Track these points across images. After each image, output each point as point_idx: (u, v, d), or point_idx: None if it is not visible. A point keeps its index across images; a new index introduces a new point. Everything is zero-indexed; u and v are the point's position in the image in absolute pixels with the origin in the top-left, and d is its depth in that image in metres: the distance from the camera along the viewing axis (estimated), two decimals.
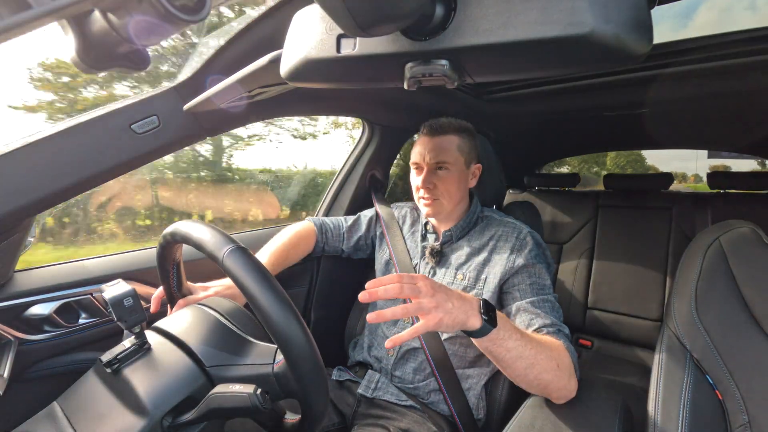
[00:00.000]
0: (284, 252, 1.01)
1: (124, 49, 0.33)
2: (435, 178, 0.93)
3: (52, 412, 0.51)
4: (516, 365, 0.66)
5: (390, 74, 0.41)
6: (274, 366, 0.53)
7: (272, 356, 0.55)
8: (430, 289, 0.60)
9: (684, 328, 0.72)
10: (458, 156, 0.93)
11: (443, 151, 0.92)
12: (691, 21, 35.33)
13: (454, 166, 0.93)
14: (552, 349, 0.70)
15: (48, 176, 0.65)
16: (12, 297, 0.77)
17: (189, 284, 0.80)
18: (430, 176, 0.93)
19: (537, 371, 0.67)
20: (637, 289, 1.81)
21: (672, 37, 0.79)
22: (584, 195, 2.17)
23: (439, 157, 0.92)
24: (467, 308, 0.61)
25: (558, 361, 0.69)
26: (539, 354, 0.67)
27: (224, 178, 3.15)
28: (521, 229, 0.92)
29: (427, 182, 0.93)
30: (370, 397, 0.92)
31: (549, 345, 0.70)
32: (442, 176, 0.93)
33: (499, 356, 0.66)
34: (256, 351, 0.57)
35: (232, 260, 0.50)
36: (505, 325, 0.65)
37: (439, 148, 0.93)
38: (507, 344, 0.64)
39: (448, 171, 0.93)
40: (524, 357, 0.66)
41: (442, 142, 0.93)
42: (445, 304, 0.60)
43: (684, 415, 0.64)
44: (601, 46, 0.30)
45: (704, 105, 1.26)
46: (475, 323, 0.61)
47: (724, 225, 0.76)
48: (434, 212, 0.96)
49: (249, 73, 0.58)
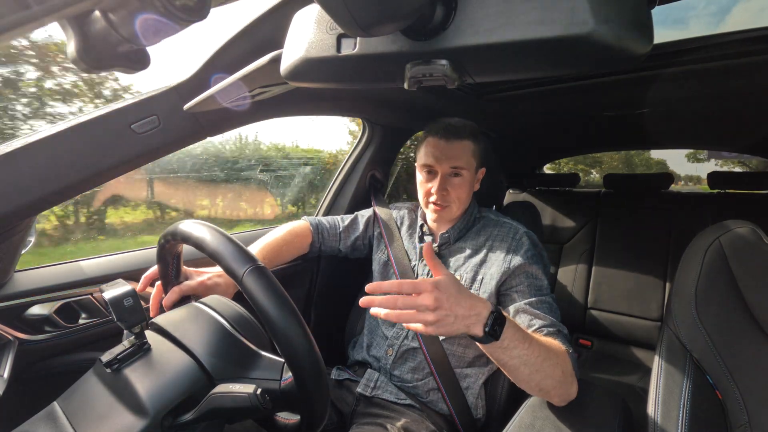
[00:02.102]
0: (276, 249, 0.99)
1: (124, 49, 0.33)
2: (449, 185, 0.91)
3: (52, 412, 0.51)
4: (519, 371, 0.65)
5: (390, 74, 0.41)
6: (281, 383, 0.53)
7: (279, 372, 0.55)
8: (433, 303, 0.57)
9: (684, 328, 0.72)
10: (472, 161, 0.92)
11: (460, 159, 0.90)
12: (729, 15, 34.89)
13: (468, 173, 0.92)
14: (558, 355, 0.69)
15: (48, 176, 0.65)
16: (12, 297, 0.77)
17: (184, 268, 0.77)
18: (445, 183, 0.91)
19: (540, 377, 0.66)
20: (637, 289, 1.82)
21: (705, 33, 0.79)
22: (584, 195, 2.17)
23: (456, 163, 0.90)
24: (471, 321, 0.59)
25: (563, 367, 0.68)
26: (545, 362, 0.65)
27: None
28: (517, 229, 0.92)
29: (442, 189, 0.91)
30: (368, 396, 0.92)
31: (555, 352, 0.69)
32: (456, 183, 0.91)
33: (502, 362, 0.65)
34: (262, 364, 0.57)
35: (253, 280, 0.49)
36: (514, 335, 0.62)
37: (455, 154, 0.90)
38: (511, 353, 0.63)
39: (462, 178, 0.91)
40: (529, 364, 0.64)
41: (459, 148, 0.91)
42: (446, 318, 0.58)
43: (684, 415, 0.64)
44: (601, 46, 0.30)
45: (704, 105, 1.26)
46: (476, 333, 0.60)
47: (724, 225, 0.76)
48: (443, 218, 0.95)
49: (249, 72, 0.58)
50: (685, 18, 54.97)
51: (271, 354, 0.59)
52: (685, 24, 64.60)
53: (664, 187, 1.97)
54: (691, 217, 1.80)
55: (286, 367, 0.54)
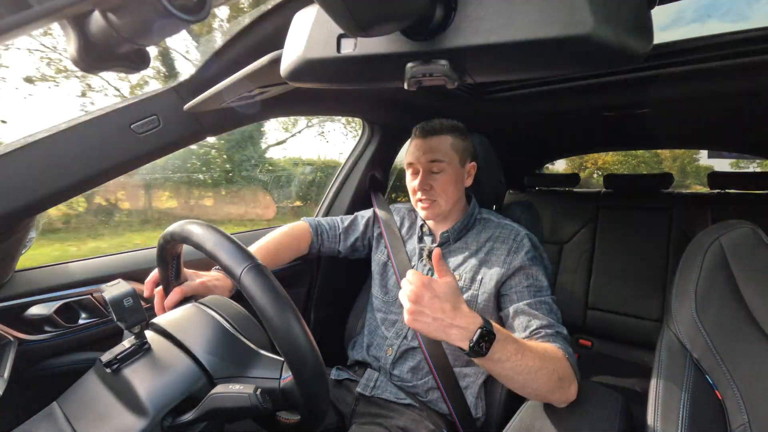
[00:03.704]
0: (276, 250, 0.99)
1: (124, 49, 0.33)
2: (431, 180, 0.93)
3: (52, 412, 0.51)
4: (513, 380, 0.66)
5: (390, 74, 0.41)
6: (281, 382, 0.53)
7: (278, 370, 0.55)
8: (411, 296, 0.62)
9: (684, 329, 0.71)
10: (453, 155, 0.93)
11: (437, 151, 0.92)
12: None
13: (450, 166, 0.93)
14: (555, 361, 0.68)
15: (48, 176, 0.65)
16: (12, 297, 0.77)
17: (184, 270, 0.77)
18: (426, 178, 0.93)
19: (536, 385, 0.66)
20: (637, 289, 1.82)
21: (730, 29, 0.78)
22: (584, 195, 2.17)
23: (433, 156, 0.92)
24: (453, 332, 0.60)
25: (559, 373, 0.68)
26: (540, 370, 0.65)
27: None
28: (518, 231, 0.92)
29: (424, 184, 0.92)
30: (368, 396, 0.92)
31: (552, 358, 0.68)
32: (438, 177, 0.93)
33: (494, 372, 0.66)
34: (262, 363, 0.57)
35: (251, 278, 0.49)
36: (504, 348, 0.62)
37: (433, 148, 0.93)
38: (503, 365, 0.63)
39: (444, 171, 0.92)
40: (523, 374, 0.64)
41: (436, 142, 0.93)
42: (422, 315, 0.61)
43: (684, 415, 0.64)
44: (601, 46, 0.30)
45: (704, 105, 1.26)
46: (461, 346, 0.61)
47: (724, 225, 0.76)
48: (432, 214, 0.95)
49: (249, 73, 0.57)
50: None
51: (270, 353, 0.59)
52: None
53: (664, 187, 1.97)
54: (691, 217, 1.80)
55: (286, 366, 0.54)
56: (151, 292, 0.76)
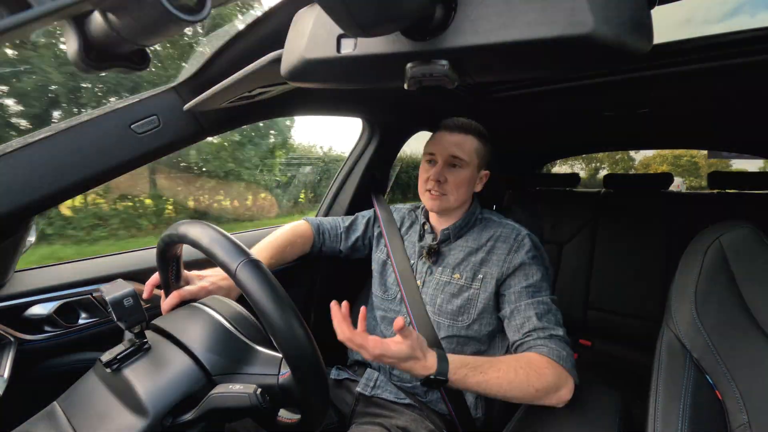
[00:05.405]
0: (280, 249, 1.00)
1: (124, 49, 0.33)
2: (447, 173, 0.93)
3: (52, 412, 0.51)
4: (487, 394, 0.72)
5: (390, 74, 0.41)
6: (279, 377, 0.53)
7: (277, 366, 0.55)
8: (369, 356, 0.68)
9: (684, 328, 0.71)
10: (474, 157, 0.94)
11: (461, 149, 0.92)
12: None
13: (468, 166, 0.93)
14: (531, 374, 0.72)
15: (48, 176, 0.65)
16: (12, 297, 0.77)
17: (185, 272, 0.77)
18: (443, 170, 0.93)
19: (513, 396, 0.71)
20: (637, 289, 1.82)
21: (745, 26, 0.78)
22: (584, 195, 2.17)
23: (457, 152, 0.92)
24: (412, 369, 0.70)
25: (537, 385, 0.71)
26: (512, 383, 0.71)
27: None
28: (520, 230, 0.92)
29: (440, 175, 0.92)
30: (368, 396, 0.92)
31: (527, 371, 0.72)
32: (455, 173, 0.93)
33: (464, 389, 0.74)
34: (260, 359, 0.57)
35: (246, 273, 0.49)
36: (456, 374, 0.70)
37: (457, 144, 0.93)
38: (465, 385, 0.71)
39: (462, 169, 0.93)
40: (492, 391, 0.71)
41: (462, 140, 0.93)
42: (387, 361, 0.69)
43: (684, 415, 0.64)
44: (601, 46, 0.30)
45: (704, 105, 1.26)
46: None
47: (724, 225, 0.76)
48: (439, 207, 0.95)
49: (249, 72, 0.57)
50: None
51: (268, 349, 0.59)
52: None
53: (664, 187, 1.97)
54: (691, 217, 1.80)
55: (285, 362, 0.54)
56: (150, 293, 0.76)
